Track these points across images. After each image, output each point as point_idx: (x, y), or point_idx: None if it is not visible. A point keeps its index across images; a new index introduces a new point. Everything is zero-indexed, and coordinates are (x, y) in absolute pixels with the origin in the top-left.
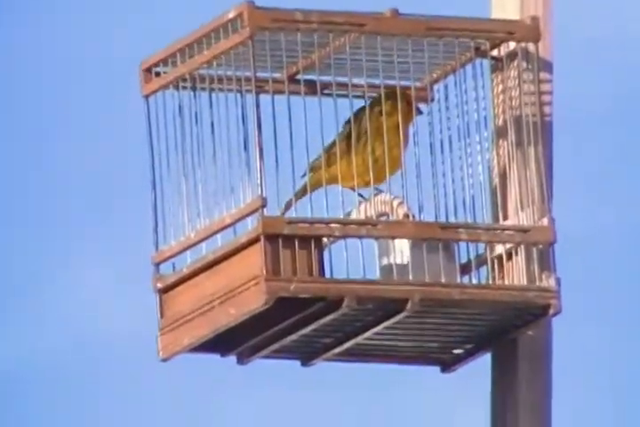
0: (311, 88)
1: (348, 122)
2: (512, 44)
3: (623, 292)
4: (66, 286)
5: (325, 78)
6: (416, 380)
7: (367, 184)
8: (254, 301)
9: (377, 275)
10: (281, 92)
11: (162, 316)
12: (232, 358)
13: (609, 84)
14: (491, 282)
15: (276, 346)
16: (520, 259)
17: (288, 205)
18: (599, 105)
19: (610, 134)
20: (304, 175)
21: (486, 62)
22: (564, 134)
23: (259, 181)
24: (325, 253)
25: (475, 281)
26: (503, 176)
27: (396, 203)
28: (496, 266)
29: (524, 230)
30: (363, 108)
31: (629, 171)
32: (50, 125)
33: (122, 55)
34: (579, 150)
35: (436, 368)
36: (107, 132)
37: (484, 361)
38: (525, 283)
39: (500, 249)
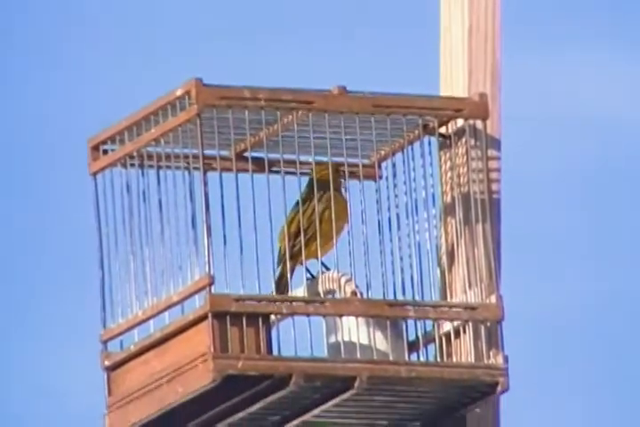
0: (259, 166)
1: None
2: (460, 121)
3: (570, 369)
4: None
5: (273, 156)
6: None
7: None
8: (202, 378)
9: (325, 352)
10: (229, 169)
11: (109, 393)
12: None
13: (557, 160)
14: (439, 360)
15: (223, 424)
16: (468, 336)
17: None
18: (548, 181)
19: (558, 210)
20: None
21: (434, 140)
22: (512, 211)
23: (206, 259)
24: (273, 331)
25: (423, 359)
26: (451, 253)
27: (343, 280)
28: (444, 343)
29: (471, 308)
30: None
31: (577, 249)
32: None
33: (69, 133)
34: (527, 227)
35: None
36: (54, 208)
37: None
38: (473, 360)
39: (447, 326)
